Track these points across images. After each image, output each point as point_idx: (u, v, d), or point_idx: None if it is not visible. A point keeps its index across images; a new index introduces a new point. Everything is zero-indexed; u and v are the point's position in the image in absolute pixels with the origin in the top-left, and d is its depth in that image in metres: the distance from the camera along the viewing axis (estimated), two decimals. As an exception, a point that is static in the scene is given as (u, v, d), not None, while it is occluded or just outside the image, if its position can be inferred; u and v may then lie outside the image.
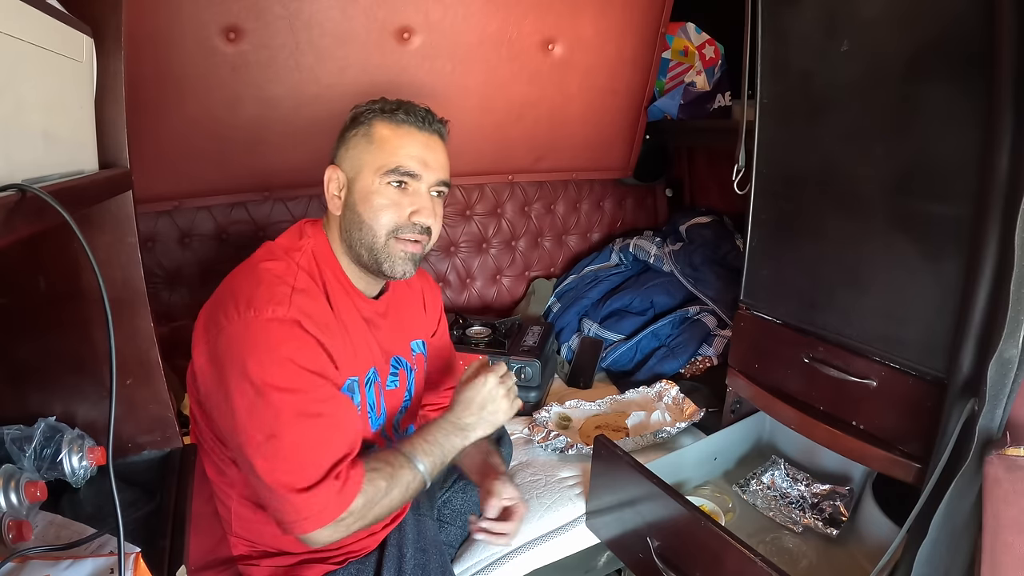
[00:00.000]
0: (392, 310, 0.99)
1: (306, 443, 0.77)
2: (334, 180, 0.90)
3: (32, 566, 0.58)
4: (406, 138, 0.88)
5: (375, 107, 0.90)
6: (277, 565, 0.90)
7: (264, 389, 0.75)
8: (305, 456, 0.76)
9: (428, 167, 0.88)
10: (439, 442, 0.87)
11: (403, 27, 1.47)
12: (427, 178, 0.89)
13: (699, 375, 1.62)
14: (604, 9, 1.64)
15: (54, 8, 0.60)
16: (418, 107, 0.91)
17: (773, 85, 1.05)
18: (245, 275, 0.85)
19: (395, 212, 0.87)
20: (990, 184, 0.69)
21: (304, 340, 0.80)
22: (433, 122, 0.91)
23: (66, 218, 0.49)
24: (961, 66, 0.76)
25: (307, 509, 0.75)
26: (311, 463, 0.76)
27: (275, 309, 0.79)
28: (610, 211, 2.19)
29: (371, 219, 0.87)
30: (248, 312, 0.78)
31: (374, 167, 0.87)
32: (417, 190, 0.89)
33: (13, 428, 0.80)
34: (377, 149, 0.87)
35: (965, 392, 0.74)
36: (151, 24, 1.26)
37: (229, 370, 0.78)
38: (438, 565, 0.93)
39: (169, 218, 1.61)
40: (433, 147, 0.90)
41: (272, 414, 0.75)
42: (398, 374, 0.99)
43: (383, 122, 0.88)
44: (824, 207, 0.98)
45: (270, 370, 0.76)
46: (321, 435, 0.78)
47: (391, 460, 0.84)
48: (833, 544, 1.05)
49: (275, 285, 0.82)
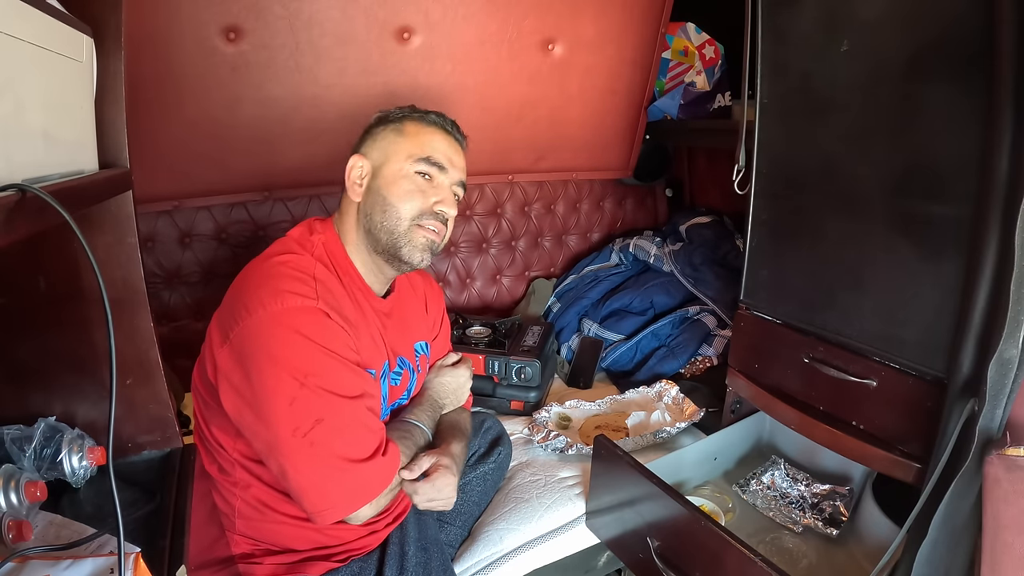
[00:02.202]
0: (397, 311, 1.01)
1: (355, 422, 0.80)
2: (357, 168, 0.93)
3: (32, 566, 0.58)
4: (437, 135, 0.95)
5: (405, 110, 0.97)
6: (280, 563, 0.90)
7: (305, 378, 0.77)
8: (358, 433, 0.80)
9: (453, 165, 0.95)
10: (427, 411, 1.01)
11: (403, 27, 1.47)
12: (452, 174, 0.95)
13: (699, 375, 1.61)
14: (604, 9, 1.64)
15: (54, 8, 0.60)
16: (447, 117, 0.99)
17: (773, 85, 1.05)
18: (262, 269, 0.85)
19: (421, 199, 0.91)
20: (990, 184, 0.69)
21: (334, 329, 0.82)
22: (459, 131, 0.99)
23: (66, 218, 0.49)
24: (961, 66, 0.76)
25: (366, 481, 0.80)
26: (364, 440, 0.81)
27: (303, 299, 0.80)
28: (610, 211, 2.19)
29: (397, 202, 0.90)
30: (274, 303, 0.78)
31: (405, 154, 0.92)
32: (441, 183, 0.94)
33: (13, 428, 0.80)
34: (408, 140, 0.93)
35: (965, 392, 0.74)
36: (151, 24, 1.26)
37: (258, 362, 0.77)
38: (439, 563, 0.94)
39: (169, 218, 1.61)
40: (458, 151, 0.98)
41: (318, 400, 0.77)
42: (401, 373, 1.00)
43: (414, 122, 0.95)
44: (824, 207, 0.98)
45: (307, 358, 0.77)
46: (365, 414, 0.82)
47: (406, 429, 0.95)
48: (833, 544, 1.05)
49: (297, 276, 0.83)
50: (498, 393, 1.52)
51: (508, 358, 1.50)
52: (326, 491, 0.78)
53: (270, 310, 0.78)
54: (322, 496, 0.78)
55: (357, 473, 0.79)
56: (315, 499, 0.79)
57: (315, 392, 0.77)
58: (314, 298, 0.80)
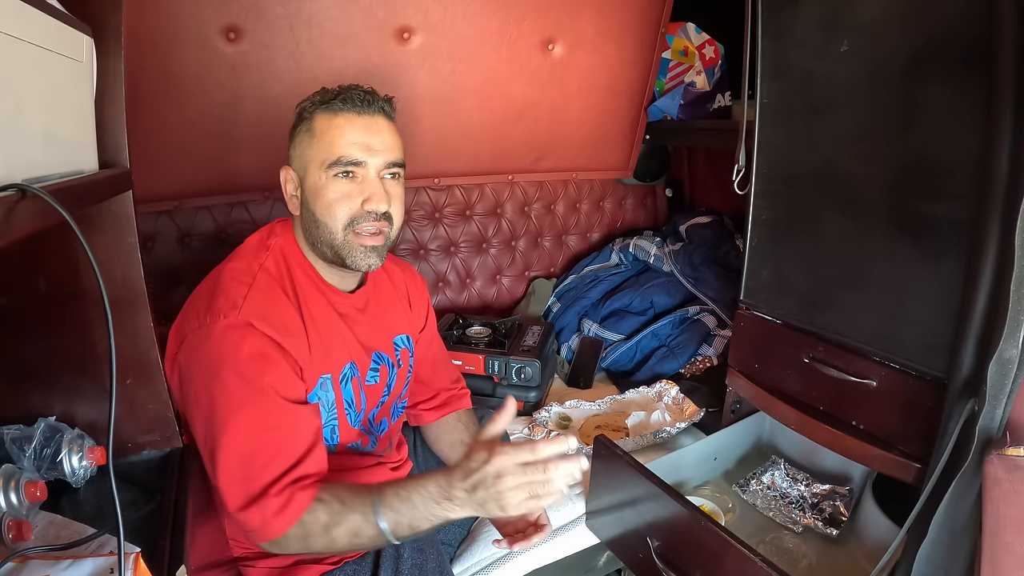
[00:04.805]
0: (372, 304, 0.98)
1: (246, 454, 0.76)
2: (289, 181, 0.90)
3: (32, 566, 0.58)
4: (345, 126, 0.84)
5: (315, 99, 0.87)
6: (273, 566, 0.91)
7: (215, 400, 0.76)
8: (247, 468, 0.76)
9: (373, 151, 0.85)
10: (414, 503, 0.74)
11: (403, 27, 1.47)
12: (374, 163, 0.85)
13: (699, 375, 1.61)
14: (604, 9, 1.64)
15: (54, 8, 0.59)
16: (358, 90, 0.86)
17: (773, 85, 1.05)
18: (210, 280, 0.87)
19: (347, 204, 0.85)
20: (990, 184, 0.69)
21: (256, 344, 0.79)
22: (374, 103, 0.86)
23: (66, 218, 0.49)
24: (961, 66, 0.76)
25: (248, 524, 0.76)
26: (251, 477, 0.75)
27: (228, 313, 0.80)
28: (610, 211, 2.19)
29: (325, 216, 0.85)
30: (206, 319, 0.80)
31: (318, 162, 0.85)
32: (366, 177, 0.86)
33: (13, 428, 0.80)
34: (318, 143, 0.85)
35: (965, 392, 0.74)
36: (151, 24, 1.26)
37: (189, 378, 0.80)
38: (435, 565, 0.92)
39: (169, 218, 1.61)
40: (377, 129, 0.86)
41: (221, 424, 0.76)
42: (379, 370, 0.98)
43: (322, 113, 0.86)
44: (824, 207, 0.98)
45: (223, 381, 0.77)
46: (265, 447, 0.77)
47: (348, 499, 0.76)
48: (833, 544, 1.05)
49: (232, 287, 0.83)
50: (498, 393, 1.52)
51: (508, 358, 1.50)
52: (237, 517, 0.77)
53: (203, 327, 0.80)
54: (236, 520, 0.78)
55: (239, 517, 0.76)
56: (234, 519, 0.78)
57: (217, 415, 0.76)
58: (238, 310, 0.80)
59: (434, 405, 1.14)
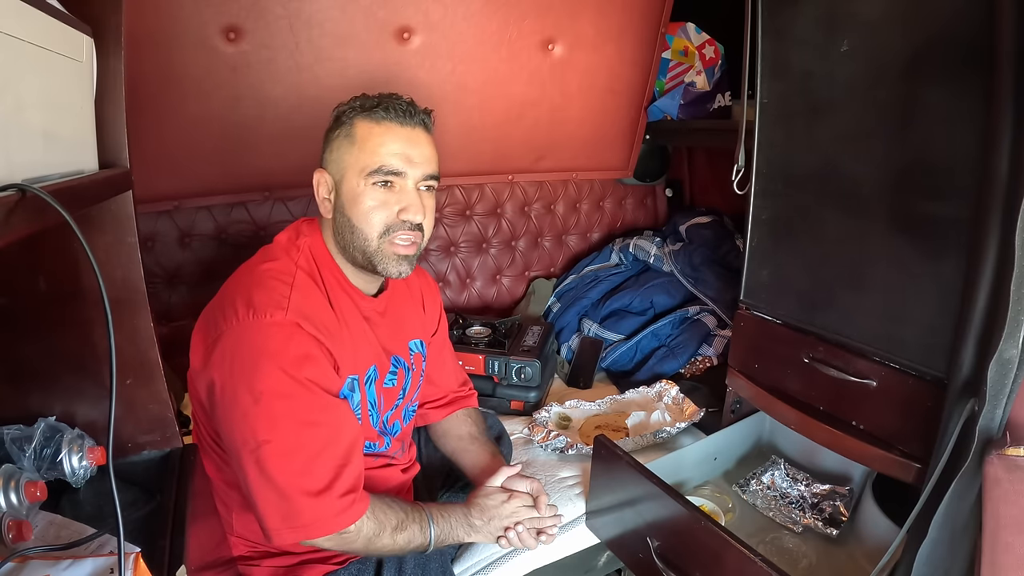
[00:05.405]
0: (391, 309, 0.99)
1: (303, 449, 0.77)
2: (323, 184, 0.89)
3: (32, 566, 0.58)
4: (387, 135, 0.85)
5: (356, 104, 0.87)
6: (278, 565, 0.90)
7: (262, 395, 0.76)
8: (308, 463, 0.77)
9: (412, 163, 0.86)
10: (450, 523, 0.93)
11: (403, 27, 1.47)
12: (412, 174, 0.86)
13: (699, 375, 1.61)
14: (604, 9, 1.64)
15: (54, 8, 0.60)
16: (400, 100, 0.87)
17: (773, 85, 1.05)
18: (244, 277, 0.86)
19: (384, 213, 0.85)
20: (990, 184, 0.69)
21: (304, 345, 0.80)
22: (416, 114, 0.87)
23: (66, 218, 0.49)
24: (961, 66, 0.75)
25: (308, 516, 0.76)
26: (314, 469, 0.77)
27: (274, 312, 0.79)
28: (610, 211, 2.19)
29: (361, 222, 0.86)
30: (248, 316, 0.78)
31: (357, 168, 0.85)
32: (404, 187, 0.86)
33: (13, 428, 0.80)
34: (359, 150, 0.85)
35: (965, 392, 0.74)
36: (151, 24, 1.26)
37: (228, 373, 0.78)
38: (438, 565, 0.93)
39: (169, 218, 1.60)
40: (417, 141, 0.87)
41: (268, 420, 0.76)
42: (396, 373, 0.99)
43: (363, 120, 0.86)
44: (824, 207, 0.98)
45: (268, 376, 0.76)
46: (317, 442, 0.78)
47: (406, 508, 0.89)
48: (833, 544, 1.05)
49: (274, 286, 0.82)
50: (498, 393, 1.52)
51: (508, 358, 1.50)
52: (268, 513, 0.77)
53: (243, 322, 0.78)
54: (265, 517, 0.77)
55: (298, 504, 0.76)
56: (261, 517, 0.78)
57: (266, 410, 0.76)
58: (285, 309, 0.79)
59: (441, 404, 1.16)
